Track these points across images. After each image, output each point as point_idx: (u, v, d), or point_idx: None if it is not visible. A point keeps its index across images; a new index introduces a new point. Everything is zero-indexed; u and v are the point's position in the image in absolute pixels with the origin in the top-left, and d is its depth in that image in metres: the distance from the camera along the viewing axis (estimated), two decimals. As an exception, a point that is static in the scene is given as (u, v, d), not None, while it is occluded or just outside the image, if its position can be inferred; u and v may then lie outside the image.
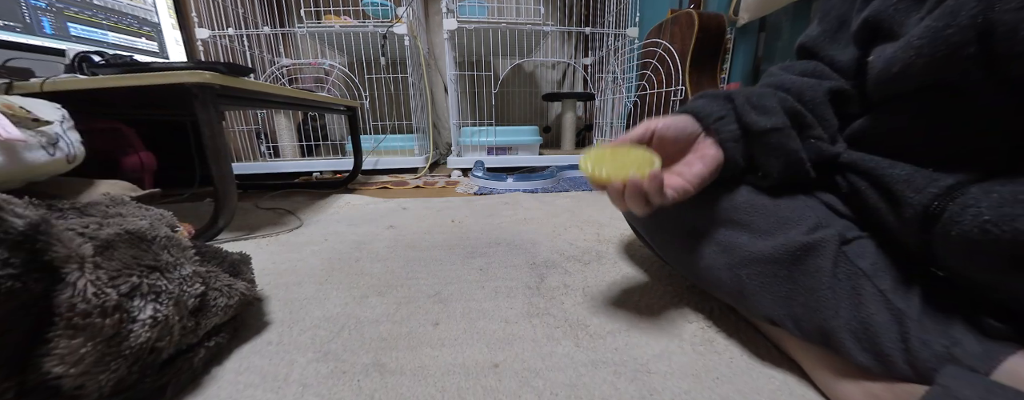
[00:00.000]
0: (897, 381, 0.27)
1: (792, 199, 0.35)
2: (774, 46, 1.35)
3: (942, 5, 0.25)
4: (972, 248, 0.24)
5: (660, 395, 0.32)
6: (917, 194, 0.27)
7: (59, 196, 0.50)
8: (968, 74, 0.24)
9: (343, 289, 0.51)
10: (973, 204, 0.24)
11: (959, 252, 0.25)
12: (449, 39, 1.50)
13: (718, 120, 0.35)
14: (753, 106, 0.34)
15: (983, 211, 0.23)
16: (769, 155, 0.34)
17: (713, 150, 0.35)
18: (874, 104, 0.34)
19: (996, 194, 0.23)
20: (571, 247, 0.67)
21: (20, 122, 0.47)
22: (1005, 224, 0.22)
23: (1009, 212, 0.22)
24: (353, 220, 0.88)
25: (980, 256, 0.24)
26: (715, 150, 0.35)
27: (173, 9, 1.10)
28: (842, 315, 0.29)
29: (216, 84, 0.64)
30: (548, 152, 1.77)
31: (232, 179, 0.70)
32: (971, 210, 0.24)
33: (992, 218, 0.23)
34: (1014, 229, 0.22)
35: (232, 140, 1.63)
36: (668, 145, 0.35)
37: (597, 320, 0.43)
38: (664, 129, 0.35)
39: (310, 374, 0.35)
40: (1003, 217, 0.22)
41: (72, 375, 0.25)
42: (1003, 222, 0.22)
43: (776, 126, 0.33)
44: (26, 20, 0.77)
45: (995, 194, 0.23)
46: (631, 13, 1.59)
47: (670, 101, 1.40)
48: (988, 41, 0.22)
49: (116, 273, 0.29)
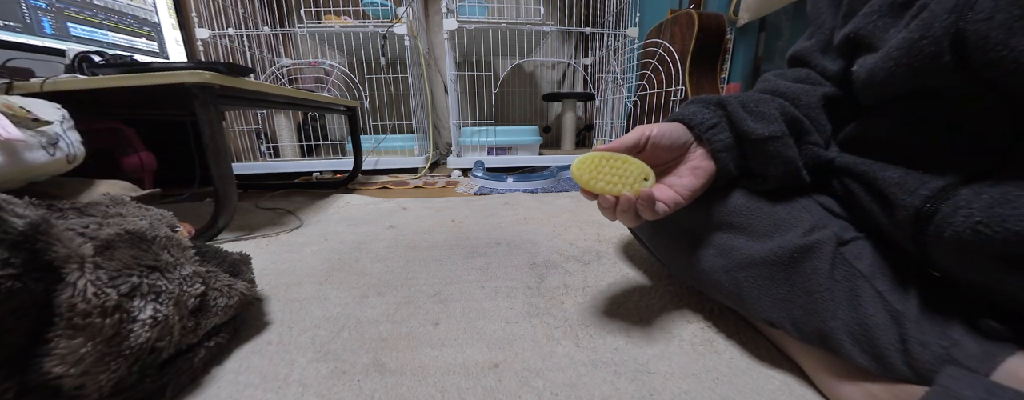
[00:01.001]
0: (896, 382, 0.27)
1: (788, 202, 0.35)
2: (774, 46, 1.35)
3: (917, 18, 0.25)
4: (965, 249, 0.24)
5: (660, 395, 0.32)
6: (909, 196, 0.27)
7: (59, 196, 0.50)
8: (948, 81, 0.25)
9: (343, 289, 0.51)
10: (964, 205, 0.24)
11: (953, 253, 0.26)
12: (449, 39, 1.50)
13: (710, 129, 0.34)
14: (750, 112, 0.34)
15: (974, 212, 0.23)
16: (766, 163, 0.34)
17: (706, 162, 0.35)
18: (864, 109, 0.34)
19: (986, 195, 0.24)
20: (571, 247, 0.67)
21: (20, 122, 0.47)
22: (996, 225, 0.22)
23: (1000, 213, 0.22)
24: (353, 220, 0.88)
25: (973, 257, 0.24)
26: (707, 162, 0.35)
27: (173, 9, 1.10)
28: (840, 316, 0.29)
29: (216, 84, 0.64)
30: (548, 152, 1.77)
31: (232, 179, 0.70)
32: (962, 211, 0.24)
33: (984, 219, 0.23)
34: (1005, 230, 0.22)
35: (232, 140, 1.63)
36: (661, 152, 0.35)
37: (597, 320, 0.43)
38: (658, 136, 0.34)
39: (310, 374, 0.35)
40: (994, 218, 0.23)
41: (72, 375, 0.25)
42: (994, 223, 0.22)
43: (774, 134, 0.33)
44: (26, 20, 0.77)
45: (986, 195, 0.24)
46: (631, 13, 1.59)
47: (670, 101, 1.40)
48: (961, 50, 0.23)
49: (116, 273, 0.29)
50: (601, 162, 0.32)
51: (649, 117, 1.51)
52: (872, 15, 0.31)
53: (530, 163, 1.63)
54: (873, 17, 0.31)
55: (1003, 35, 0.21)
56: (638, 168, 0.32)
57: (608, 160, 0.32)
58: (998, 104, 0.24)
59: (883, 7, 0.30)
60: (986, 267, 0.24)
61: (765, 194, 0.36)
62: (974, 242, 0.23)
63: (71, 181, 0.55)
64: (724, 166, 0.35)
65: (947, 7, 0.23)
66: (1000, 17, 0.21)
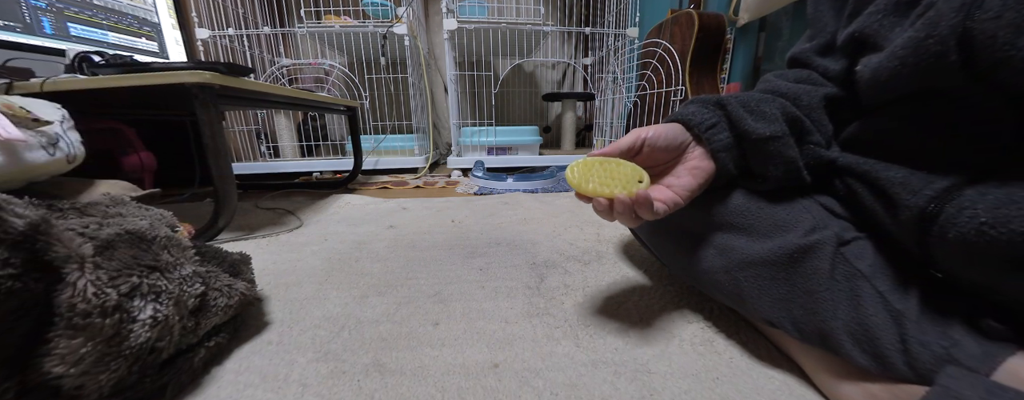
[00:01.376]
0: (896, 382, 0.27)
1: (789, 202, 0.35)
2: (774, 46, 1.35)
3: (924, 17, 0.25)
4: (970, 250, 0.24)
5: (660, 395, 0.32)
6: (913, 196, 0.27)
7: (59, 196, 0.50)
8: (954, 81, 0.25)
9: (343, 289, 0.51)
10: (969, 206, 0.24)
11: (957, 254, 0.25)
12: (449, 39, 1.50)
13: (709, 129, 0.34)
14: (750, 111, 0.34)
15: (979, 213, 0.23)
16: (767, 163, 0.34)
17: (704, 162, 0.34)
18: (868, 109, 0.34)
19: (992, 196, 0.23)
20: (571, 247, 0.67)
21: (20, 122, 0.47)
22: (1002, 226, 0.22)
23: (1005, 214, 0.22)
24: (353, 220, 0.88)
25: (978, 258, 0.24)
26: (706, 162, 0.34)
27: (173, 9, 1.10)
28: (841, 316, 0.29)
29: (216, 84, 0.64)
30: (548, 152, 1.77)
31: (232, 179, 0.70)
32: (967, 212, 0.24)
33: (989, 220, 0.23)
34: (1011, 231, 0.22)
35: (232, 140, 1.63)
36: (659, 153, 0.34)
37: (597, 320, 0.43)
38: (654, 138, 0.34)
39: (310, 374, 0.35)
40: (999, 219, 0.22)
41: (72, 375, 0.25)
42: (1000, 224, 0.22)
43: (775, 134, 0.33)
44: (26, 20, 0.77)
45: (991, 196, 0.23)
46: (631, 13, 1.59)
47: (670, 101, 1.40)
48: (968, 49, 0.23)
49: (116, 273, 0.29)
50: (594, 166, 0.33)
51: (649, 117, 1.51)
52: (878, 14, 0.31)
53: (530, 163, 1.63)
54: (878, 16, 0.31)
55: (1011, 35, 0.21)
56: (631, 170, 0.32)
57: (602, 164, 0.33)
58: (1002, 104, 0.24)
59: (889, 6, 0.30)
60: (990, 268, 0.24)
61: (765, 194, 0.36)
62: (979, 243, 0.23)
63: (71, 181, 0.55)
64: (723, 166, 0.34)
65: (954, 6, 0.23)
66: (1009, 16, 0.21)
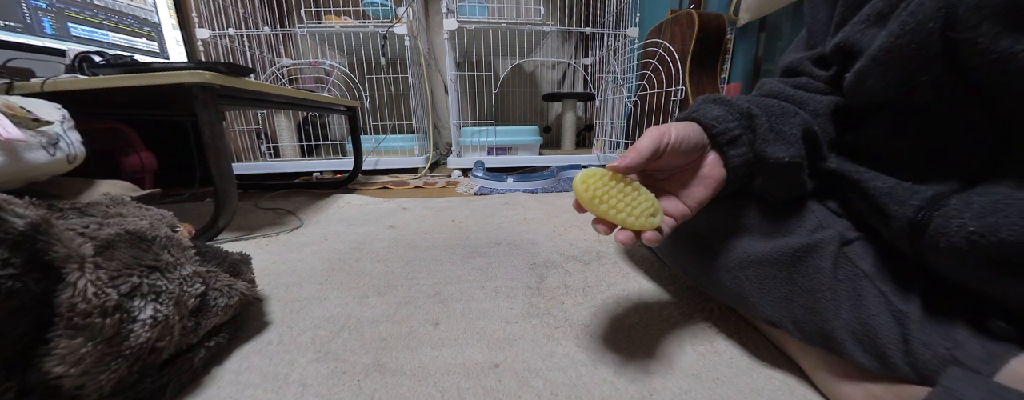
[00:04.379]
0: (898, 382, 0.27)
1: (792, 201, 0.35)
2: (774, 46, 1.35)
3: (907, 10, 0.25)
4: (962, 258, 0.24)
5: (660, 395, 0.32)
6: (900, 207, 0.27)
7: (59, 196, 0.50)
8: (934, 70, 0.25)
9: (343, 289, 0.51)
10: (956, 215, 0.24)
11: (950, 262, 0.26)
12: (449, 39, 1.50)
13: (730, 143, 0.32)
14: (775, 132, 0.32)
15: (967, 222, 0.23)
16: (778, 183, 0.33)
17: (716, 170, 0.32)
18: (855, 118, 0.34)
19: (977, 204, 0.24)
20: (571, 247, 0.67)
21: (20, 122, 0.47)
22: (991, 235, 0.22)
23: (992, 222, 0.22)
24: (353, 220, 0.88)
25: (971, 265, 0.24)
26: (718, 170, 0.32)
27: (173, 9, 1.10)
28: (843, 316, 0.29)
29: (216, 84, 0.64)
30: (548, 152, 1.77)
31: (232, 179, 0.70)
32: (955, 222, 0.24)
33: (977, 229, 0.23)
34: (1000, 239, 0.22)
35: (232, 140, 1.62)
36: (677, 158, 0.31)
37: (597, 320, 0.43)
38: (677, 143, 0.30)
39: (310, 374, 0.35)
40: (988, 227, 0.22)
41: (72, 375, 0.24)
42: (988, 233, 0.22)
43: (793, 159, 0.31)
44: (27, 20, 0.77)
45: (976, 204, 0.24)
46: (631, 13, 1.59)
47: (670, 101, 1.40)
48: (951, 25, 0.22)
49: (116, 273, 0.29)
50: (610, 184, 0.29)
51: (649, 117, 1.51)
52: (861, 24, 0.31)
53: (530, 163, 1.63)
54: (862, 26, 0.31)
55: (994, 23, 0.21)
56: (647, 201, 0.29)
57: (618, 181, 0.29)
58: (981, 114, 0.25)
59: (871, 17, 0.30)
60: (983, 274, 0.24)
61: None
62: (970, 253, 0.23)
63: (71, 181, 0.55)
64: (736, 179, 0.33)
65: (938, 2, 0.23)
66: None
